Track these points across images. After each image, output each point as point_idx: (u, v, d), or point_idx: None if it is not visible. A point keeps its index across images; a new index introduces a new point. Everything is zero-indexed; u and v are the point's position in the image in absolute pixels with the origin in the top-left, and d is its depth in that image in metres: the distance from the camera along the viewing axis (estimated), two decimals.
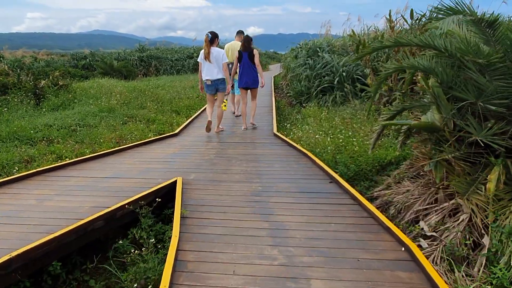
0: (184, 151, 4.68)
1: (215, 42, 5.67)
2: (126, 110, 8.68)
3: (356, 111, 7.42)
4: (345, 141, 5.46)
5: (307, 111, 8.28)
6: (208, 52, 5.49)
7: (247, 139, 5.26)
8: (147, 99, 10.17)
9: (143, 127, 7.41)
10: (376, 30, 11.86)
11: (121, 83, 13.31)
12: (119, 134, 6.81)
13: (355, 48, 7.71)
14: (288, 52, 22.34)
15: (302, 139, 5.21)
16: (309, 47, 11.29)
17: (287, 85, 13.58)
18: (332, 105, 8.67)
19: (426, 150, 3.68)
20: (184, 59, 21.34)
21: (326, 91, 9.22)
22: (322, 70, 9.54)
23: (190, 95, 11.39)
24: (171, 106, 9.68)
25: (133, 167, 4.01)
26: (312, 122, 7.29)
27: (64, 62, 19.70)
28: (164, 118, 8.30)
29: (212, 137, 5.50)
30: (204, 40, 5.68)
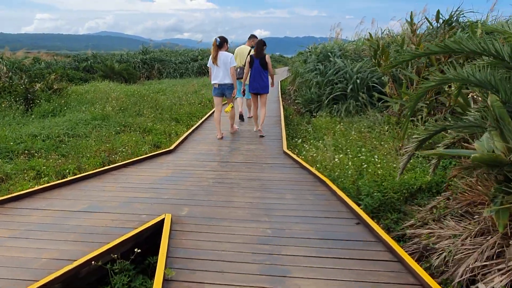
0: (178, 173, 3.95)
1: (224, 46, 5.62)
2: (122, 117, 8.01)
3: (373, 123, 6.67)
4: (367, 161, 4.72)
5: (318, 122, 7.54)
6: (215, 56, 5.46)
7: (253, 158, 4.53)
8: (145, 105, 9.51)
9: (138, 138, 6.73)
10: (391, 33, 11.13)
11: (121, 87, 12.69)
12: (110, 146, 6.13)
13: (372, 53, 6.98)
14: (296, 56, 21.64)
15: (317, 159, 4.47)
16: (320, 52, 10.56)
17: (295, 91, 12.87)
18: (346, 115, 7.93)
19: (481, 186, 2.93)
20: (188, 62, 20.73)
21: (338, 100, 8.48)
22: (334, 77, 8.80)
23: (192, 101, 10.71)
24: (170, 113, 9.00)
25: (114, 196, 3.31)
26: (325, 135, 6.56)
27: (65, 64, 19.17)
28: (162, 127, 7.62)
29: (213, 154, 4.76)
30: (212, 44, 5.63)
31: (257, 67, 5.95)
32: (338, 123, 7.29)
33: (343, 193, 3.28)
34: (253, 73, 5.99)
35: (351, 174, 4.04)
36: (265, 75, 6.00)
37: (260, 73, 5.95)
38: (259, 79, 5.95)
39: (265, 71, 5.99)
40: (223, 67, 5.47)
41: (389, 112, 7.11)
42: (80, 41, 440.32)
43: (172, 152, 4.84)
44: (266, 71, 6.00)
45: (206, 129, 6.57)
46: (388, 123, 6.48)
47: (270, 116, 7.56)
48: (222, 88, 5.58)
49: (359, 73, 8.36)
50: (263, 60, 5.95)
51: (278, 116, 7.58)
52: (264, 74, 5.99)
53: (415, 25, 7.11)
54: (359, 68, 8.54)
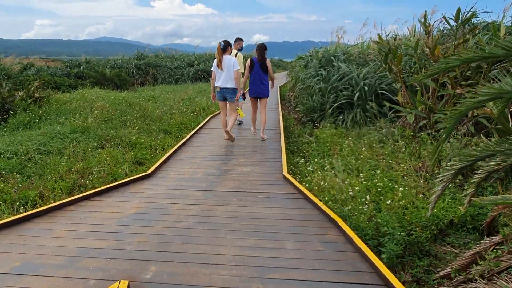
0: (152, 209, 3.12)
1: (228, 50, 5.69)
2: (104, 130, 7.23)
3: (385, 136, 5.89)
4: (383, 186, 3.93)
5: (322, 134, 6.76)
6: (220, 60, 5.52)
7: (246, 185, 3.70)
8: (133, 115, 8.73)
9: (118, 154, 5.94)
10: (397, 36, 10.40)
11: (110, 94, 11.92)
12: (85, 165, 5.35)
13: (382, 57, 6.22)
14: (295, 60, 20.94)
15: (324, 186, 3.67)
16: (322, 56, 9.80)
17: (295, 98, 12.10)
18: (352, 126, 7.16)
19: None
20: (184, 67, 20.01)
21: (343, 109, 7.71)
22: (339, 83, 8.04)
23: (184, 110, 9.94)
24: (159, 124, 8.23)
25: (62, 246, 2.52)
26: (331, 151, 5.77)
27: (56, 70, 18.44)
28: (148, 141, 6.84)
29: (198, 180, 3.88)
30: (216, 48, 5.66)
31: (258, 71, 5.96)
32: (345, 136, 6.51)
33: (361, 242, 2.48)
34: (253, 77, 5.99)
35: (368, 210, 3.25)
36: (265, 79, 6.02)
37: (261, 77, 5.97)
38: (259, 83, 5.97)
39: (265, 75, 6.02)
40: (226, 71, 5.53)
41: (401, 123, 6.33)
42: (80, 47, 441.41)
43: (150, 177, 4.02)
44: (266, 75, 6.03)
45: (195, 144, 5.76)
46: (402, 136, 5.70)
47: (268, 128, 6.78)
48: (223, 91, 5.63)
49: (366, 79, 7.59)
50: (264, 64, 5.98)
51: (277, 128, 6.78)
52: (265, 78, 6.02)
53: (429, 26, 6.35)
54: (366, 74, 7.77)
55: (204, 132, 6.69)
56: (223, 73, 5.55)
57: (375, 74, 7.70)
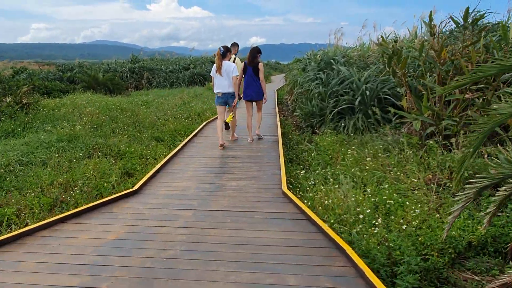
0: (135, 233, 2.73)
1: (228, 56, 5.74)
2: (93, 138, 6.85)
3: (389, 144, 5.55)
4: (392, 202, 3.59)
5: (323, 141, 6.42)
6: (220, 65, 5.56)
7: (242, 202, 3.32)
8: (124, 121, 8.36)
9: (106, 164, 5.57)
10: (396, 38, 10.12)
11: (102, 99, 11.54)
12: (69, 177, 4.98)
13: (385, 60, 5.89)
14: (293, 62, 20.63)
15: (328, 203, 3.31)
16: (320, 58, 9.48)
17: (293, 101, 11.78)
18: (354, 132, 6.83)
19: None
20: (179, 70, 19.64)
21: (344, 114, 7.38)
22: (339, 87, 7.71)
23: (178, 115, 9.57)
24: (152, 131, 7.86)
25: (27, 282, 2.15)
26: (333, 159, 5.43)
27: (48, 74, 18.02)
28: (139, 149, 6.47)
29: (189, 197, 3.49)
30: (216, 53, 5.70)
31: (251, 75, 5.95)
32: (346, 143, 6.18)
33: (374, 276, 2.13)
34: (247, 81, 5.99)
35: (378, 231, 2.90)
36: (258, 82, 5.99)
37: (254, 80, 5.96)
38: (253, 86, 5.97)
39: (258, 78, 5.97)
40: (226, 76, 5.58)
41: (407, 130, 6.00)
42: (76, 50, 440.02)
43: (136, 193, 3.65)
44: (259, 77, 5.98)
45: (188, 154, 5.40)
46: (408, 144, 5.36)
47: (265, 135, 6.43)
48: (226, 97, 5.68)
49: (368, 83, 7.26)
50: (256, 68, 5.96)
51: (274, 136, 6.42)
52: (258, 81, 5.98)
53: (435, 27, 6.04)
54: (367, 77, 7.45)
55: (198, 140, 6.33)
56: (222, 78, 5.63)
57: (377, 78, 7.38)
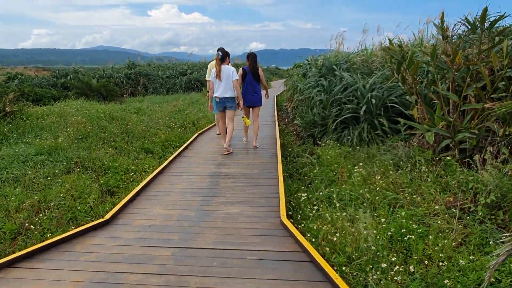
0: (97, 283, 2.19)
1: (226, 60, 5.72)
2: (76, 150, 6.31)
3: (400, 158, 5.01)
4: (411, 231, 3.04)
5: (326, 154, 5.89)
6: (219, 70, 5.53)
7: (232, 236, 2.71)
8: (112, 131, 7.82)
9: (87, 181, 5.04)
10: (400, 42, 9.63)
11: (94, 106, 11.02)
12: (42, 197, 4.44)
13: (394, 66, 5.37)
14: (292, 68, 20.15)
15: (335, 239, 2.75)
16: (322, 64, 8.97)
17: (293, 109, 11.26)
18: (358, 143, 6.29)
19: None
20: (176, 76, 19.16)
21: (348, 123, 6.84)
22: (342, 95, 7.19)
23: (171, 124, 9.04)
24: (142, 142, 7.33)
25: None
26: (336, 175, 4.88)
27: (41, 80, 17.54)
28: (125, 163, 5.93)
29: (169, 229, 2.95)
30: (215, 58, 5.68)
31: (250, 80, 5.95)
32: (351, 156, 5.64)
33: None
34: (246, 87, 5.97)
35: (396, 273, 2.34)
36: (258, 88, 6.03)
37: (253, 86, 5.98)
38: (252, 92, 5.97)
39: (258, 84, 6.02)
40: (225, 81, 5.54)
41: (417, 142, 5.46)
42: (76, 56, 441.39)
43: (108, 224, 3.09)
44: (258, 84, 6.04)
45: (175, 172, 4.79)
46: (420, 159, 4.81)
47: (264, 147, 5.90)
48: (224, 101, 5.64)
49: (373, 91, 6.74)
50: (256, 74, 5.98)
51: (273, 149, 5.87)
52: (257, 87, 6.02)
53: (447, 30, 5.53)
54: (373, 84, 6.93)
55: (189, 154, 5.78)
56: (221, 83, 5.58)
57: (382, 85, 6.86)
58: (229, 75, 5.52)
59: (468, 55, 5.24)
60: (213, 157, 5.43)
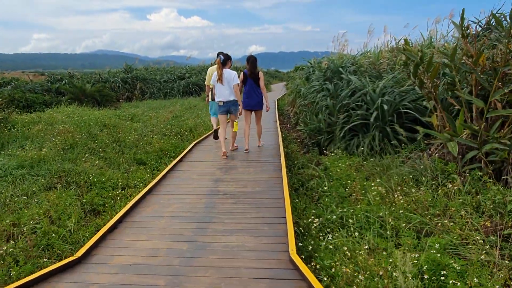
0: None
1: (228, 64, 5.69)
2: (61, 162, 5.78)
3: (419, 172, 4.48)
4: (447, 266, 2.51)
5: (335, 167, 5.37)
6: (221, 74, 5.50)
7: (231, 278, 2.14)
8: (103, 140, 7.30)
9: (69, 199, 4.51)
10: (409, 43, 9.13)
11: (86, 112, 10.50)
12: (14, 220, 3.91)
13: (411, 69, 4.85)
14: (293, 71, 19.65)
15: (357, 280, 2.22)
16: (326, 67, 8.46)
17: (295, 114, 10.75)
18: (369, 152, 5.76)
19: None
20: (174, 80, 18.67)
21: (357, 131, 6.31)
22: (350, 100, 6.66)
23: (167, 131, 8.52)
24: (134, 152, 6.79)
25: None
26: (348, 190, 4.36)
27: (36, 85, 17.03)
28: (114, 177, 5.40)
29: (153, 270, 2.37)
30: (216, 62, 5.63)
31: (251, 84, 5.88)
32: (362, 168, 5.11)
33: None
34: (247, 90, 5.92)
35: None
36: (259, 91, 5.92)
37: (254, 90, 5.89)
38: (253, 95, 5.89)
39: (258, 88, 5.89)
40: (227, 85, 5.51)
41: (436, 152, 4.93)
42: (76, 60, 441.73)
43: (78, 264, 2.51)
44: (259, 87, 5.89)
45: (167, 189, 4.17)
46: (443, 172, 4.28)
47: (266, 161, 5.34)
48: (227, 105, 5.59)
49: (385, 95, 6.22)
50: (257, 77, 5.89)
51: (277, 161, 5.28)
52: (258, 90, 5.91)
53: (467, 28, 5.00)
54: (383, 88, 6.41)
55: (183, 168, 5.22)
56: (223, 87, 5.54)
57: (394, 89, 6.34)
58: (230, 79, 5.52)
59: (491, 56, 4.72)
60: (210, 171, 4.89)
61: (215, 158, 5.61)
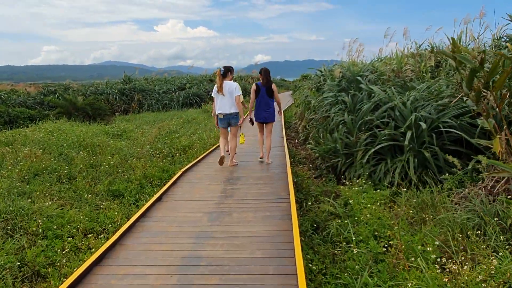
0: None
1: (228, 76, 5.56)
2: (14, 199, 4.61)
3: (478, 216, 3.23)
4: None
5: (357, 202, 4.14)
6: (220, 85, 5.41)
7: None
8: (77, 164, 6.16)
9: (7, 257, 3.34)
10: (432, 46, 7.96)
11: (72, 128, 9.43)
12: None
13: (464, 76, 3.63)
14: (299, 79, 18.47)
15: None
16: (341, 75, 7.26)
17: (304, 128, 9.54)
18: (405, 184, 4.52)
19: None
20: (173, 91, 17.65)
21: (383, 154, 5.07)
22: (373, 115, 5.45)
23: (156, 152, 7.36)
24: (111, 180, 5.62)
25: None
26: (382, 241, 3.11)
27: (27, 98, 16.14)
28: (77, 218, 4.23)
29: None
30: (216, 74, 5.58)
31: (264, 96, 5.80)
32: (402, 213, 3.86)
33: None
34: (259, 102, 5.83)
35: None
36: (271, 103, 5.85)
37: (267, 102, 5.81)
38: (266, 107, 5.80)
39: (271, 100, 5.84)
40: (229, 97, 5.44)
41: (503, 188, 3.66)
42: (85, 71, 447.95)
43: None
44: (272, 99, 5.85)
45: (130, 254, 2.78)
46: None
47: (271, 200, 4.00)
48: (228, 118, 5.52)
49: (416, 109, 4.99)
50: (270, 89, 5.78)
51: (284, 199, 3.90)
52: (270, 102, 5.84)
53: None
54: (414, 101, 5.19)
55: (159, 212, 3.81)
56: (224, 98, 5.45)
57: (429, 102, 5.11)
58: (232, 91, 5.41)
59: None
60: (194, 219, 3.52)
61: (205, 194, 4.34)
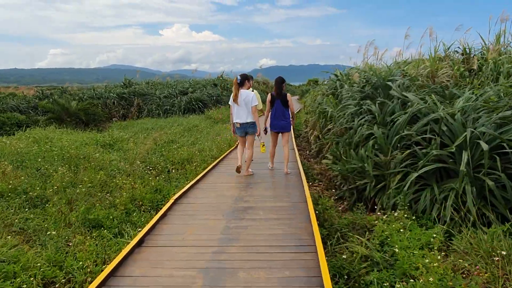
0: None
1: (245, 84, 5.49)
2: None
3: None
4: None
5: (398, 242, 3.14)
6: (236, 94, 5.38)
7: None
8: (54, 183, 5.21)
9: None
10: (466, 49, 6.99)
11: (60, 137, 8.50)
12: None
13: None
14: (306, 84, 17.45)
15: None
16: (365, 80, 6.26)
17: (317, 138, 8.56)
18: (458, 221, 3.50)
19: None
20: (175, 95, 16.74)
21: (426, 178, 4.04)
22: (410, 129, 4.44)
23: (149, 168, 6.39)
24: (89, 206, 4.64)
25: None
26: None
27: (20, 101, 15.31)
28: (36, 263, 3.27)
29: None
30: (233, 82, 5.55)
31: (279, 106, 5.67)
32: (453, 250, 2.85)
33: None
34: (275, 112, 5.73)
35: None
36: (286, 113, 5.70)
37: (282, 112, 5.68)
38: (281, 117, 5.69)
39: (286, 110, 5.67)
40: (245, 106, 5.39)
41: None
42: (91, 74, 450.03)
43: None
44: (287, 109, 5.68)
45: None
46: None
47: (287, 247, 2.91)
48: (244, 127, 5.50)
49: (469, 123, 3.98)
50: (285, 99, 5.64)
51: (305, 248, 2.79)
52: (286, 112, 5.69)
53: None
54: (463, 113, 4.17)
55: (137, 267, 2.67)
56: (240, 108, 5.41)
57: (476, 113, 4.10)
58: (248, 100, 5.36)
59: None
60: (183, 282, 2.45)
61: (202, 235, 3.20)
